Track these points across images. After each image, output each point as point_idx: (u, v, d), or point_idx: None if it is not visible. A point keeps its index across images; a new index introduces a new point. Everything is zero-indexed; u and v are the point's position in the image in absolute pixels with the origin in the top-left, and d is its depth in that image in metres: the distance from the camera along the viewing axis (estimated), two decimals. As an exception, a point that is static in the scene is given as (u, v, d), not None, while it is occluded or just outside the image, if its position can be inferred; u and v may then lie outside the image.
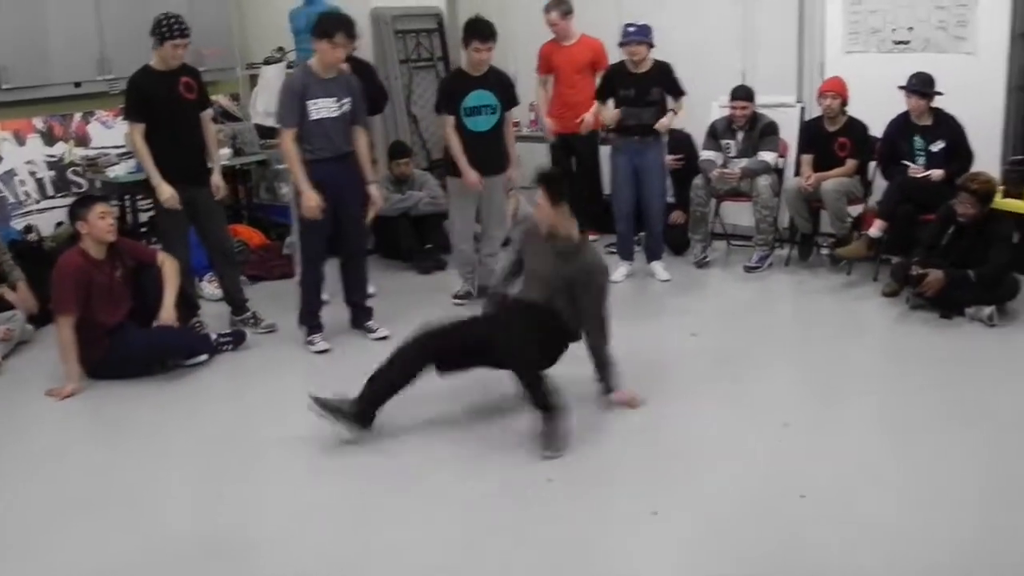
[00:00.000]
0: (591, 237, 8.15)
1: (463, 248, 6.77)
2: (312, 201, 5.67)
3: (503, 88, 6.61)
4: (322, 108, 5.73)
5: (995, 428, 4.67)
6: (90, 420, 5.28)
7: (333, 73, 5.78)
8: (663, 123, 6.91)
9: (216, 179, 6.24)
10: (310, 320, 6.03)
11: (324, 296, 6.24)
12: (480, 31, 6.39)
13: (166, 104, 5.98)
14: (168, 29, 5.86)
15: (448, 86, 6.72)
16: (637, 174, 7.07)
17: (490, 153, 6.57)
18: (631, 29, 6.95)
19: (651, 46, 6.96)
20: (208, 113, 6.33)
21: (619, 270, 7.16)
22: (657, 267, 7.31)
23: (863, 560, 3.61)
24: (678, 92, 7.03)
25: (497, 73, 6.62)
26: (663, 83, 6.96)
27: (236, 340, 6.05)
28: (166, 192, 5.91)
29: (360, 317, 6.23)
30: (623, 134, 7.06)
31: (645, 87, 6.91)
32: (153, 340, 5.69)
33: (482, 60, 6.43)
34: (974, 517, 3.89)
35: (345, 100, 5.82)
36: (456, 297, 6.76)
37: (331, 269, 6.16)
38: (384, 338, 6.00)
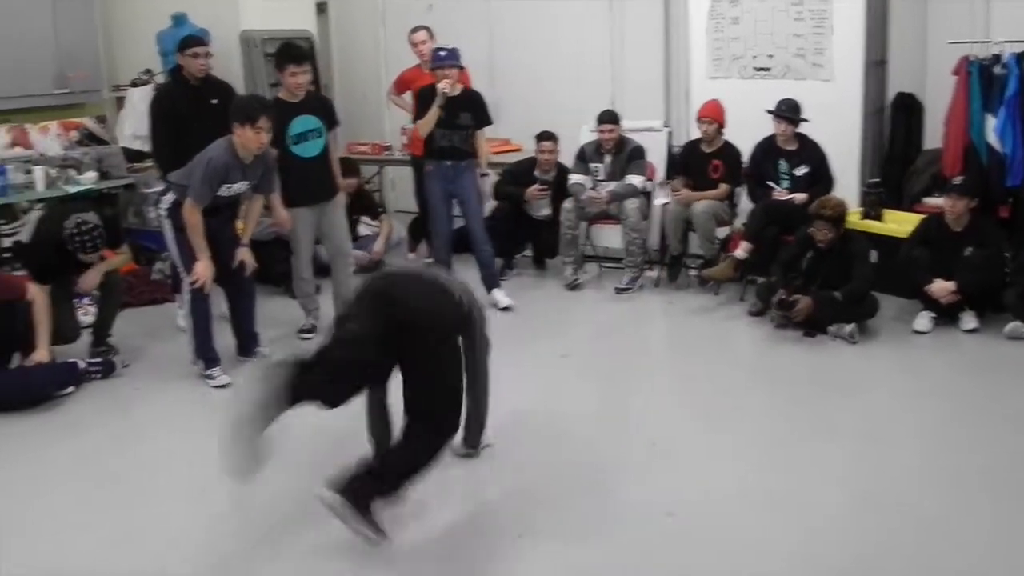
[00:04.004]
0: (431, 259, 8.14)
1: (307, 278, 6.61)
2: (207, 271, 5.62)
3: (324, 110, 6.49)
4: (233, 189, 5.65)
5: (856, 440, 4.86)
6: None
7: (252, 157, 5.60)
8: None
9: None
10: (205, 353, 5.83)
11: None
12: (293, 55, 6.32)
13: None
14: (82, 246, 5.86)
15: None
16: (453, 199, 7.09)
17: (323, 178, 6.45)
18: (442, 53, 6.92)
19: (461, 68, 7.00)
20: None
21: None
22: (498, 295, 7.19)
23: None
24: (484, 121, 7.11)
25: (315, 96, 6.55)
26: (472, 109, 7.01)
27: (106, 370, 5.91)
28: None
29: (249, 344, 6.13)
30: (436, 158, 7.06)
31: (454, 111, 6.92)
32: (21, 382, 5.54)
33: (299, 84, 6.27)
34: (841, 526, 4.02)
35: (256, 181, 5.77)
36: (302, 332, 6.62)
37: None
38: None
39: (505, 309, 7.09)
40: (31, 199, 7.81)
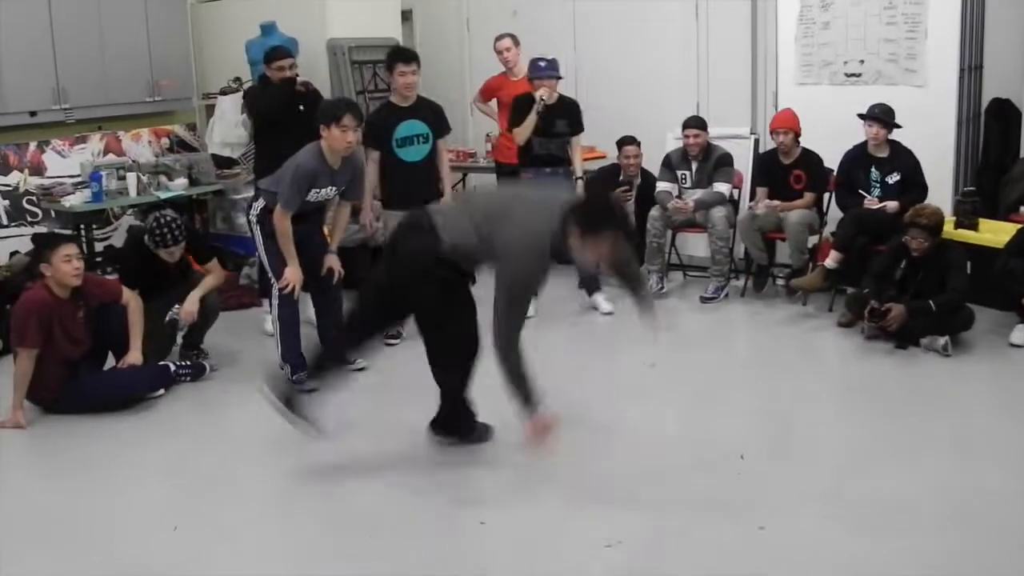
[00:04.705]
0: None
1: None
2: (296, 277, 5.71)
3: (434, 116, 6.55)
4: (321, 195, 5.72)
5: (950, 456, 4.74)
6: (40, 453, 5.20)
7: (340, 161, 5.65)
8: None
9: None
10: (293, 357, 5.86)
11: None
12: (402, 54, 6.42)
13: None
14: (162, 239, 5.92)
15: (376, 120, 6.58)
16: None
17: (424, 183, 6.48)
18: (542, 64, 6.98)
19: (559, 79, 7.03)
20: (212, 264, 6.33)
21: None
22: (599, 299, 7.21)
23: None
24: (578, 128, 7.13)
25: (427, 102, 6.58)
26: (568, 117, 7.02)
27: (195, 372, 6.01)
28: None
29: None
30: (534, 166, 7.07)
31: (551, 119, 6.94)
32: (113, 384, 5.64)
33: (408, 84, 6.36)
34: (933, 543, 3.92)
35: (343, 187, 5.83)
36: (388, 337, 6.58)
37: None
38: (362, 369, 5.99)
39: (607, 314, 7.09)
40: (124, 205, 7.98)
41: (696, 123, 7.50)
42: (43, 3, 7.69)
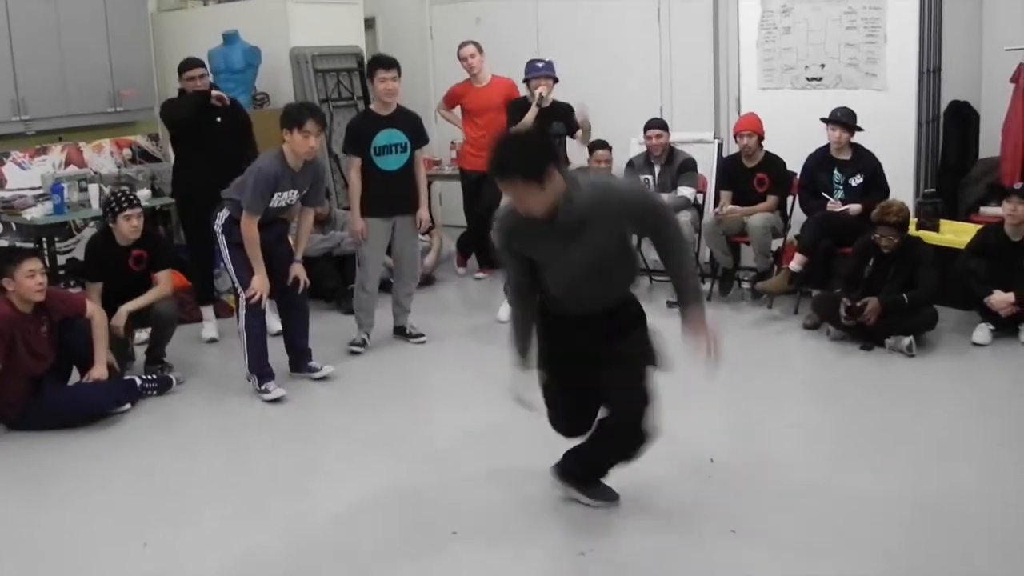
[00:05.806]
0: (481, 275, 8.40)
1: (370, 292, 6.63)
2: (263, 285, 5.71)
3: (413, 127, 6.56)
4: (283, 199, 5.73)
5: (917, 454, 4.78)
6: (5, 471, 5.10)
7: (302, 164, 5.70)
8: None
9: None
10: (260, 368, 5.84)
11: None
12: (382, 61, 6.45)
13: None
14: (117, 204, 6.01)
15: (357, 127, 6.60)
16: None
17: (400, 192, 6.51)
18: (539, 64, 7.25)
19: (555, 80, 7.16)
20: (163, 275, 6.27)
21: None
22: None
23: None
24: (575, 128, 7.41)
25: (406, 112, 6.60)
26: (563, 118, 7.16)
27: (162, 386, 5.94)
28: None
29: (301, 359, 6.15)
30: None
31: (546, 120, 7.10)
32: (78, 399, 5.56)
33: (389, 90, 6.37)
34: (903, 539, 3.96)
35: (305, 190, 5.85)
36: (353, 345, 6.61)
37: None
38: (326, 377, 6.00)
39: None
40: (86, 217, 7.89)
41: (658, 124, 7.57)
42: (0, 12, 7.61)
